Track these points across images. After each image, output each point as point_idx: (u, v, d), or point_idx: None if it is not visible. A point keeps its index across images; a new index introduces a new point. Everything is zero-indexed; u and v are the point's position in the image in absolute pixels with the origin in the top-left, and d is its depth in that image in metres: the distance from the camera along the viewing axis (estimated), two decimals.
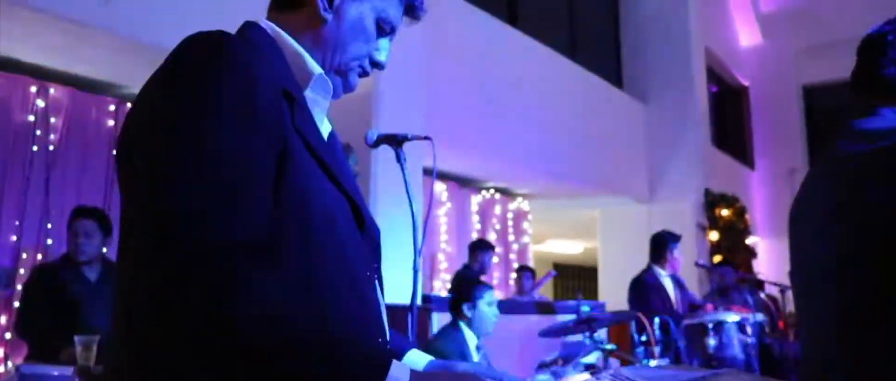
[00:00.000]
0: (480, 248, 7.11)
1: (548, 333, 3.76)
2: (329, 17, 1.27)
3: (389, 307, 1.63)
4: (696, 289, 6.58)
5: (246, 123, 1.04)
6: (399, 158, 2.73)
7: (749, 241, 10.48)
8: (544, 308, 6.70)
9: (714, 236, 9.60)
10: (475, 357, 3.78)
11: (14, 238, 5.07)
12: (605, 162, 9.17)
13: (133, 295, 1.00)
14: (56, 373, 3.31)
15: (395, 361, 1.02)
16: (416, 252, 2.51)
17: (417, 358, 1.47)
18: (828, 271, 1.62)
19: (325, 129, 1.33)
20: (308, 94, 1.24)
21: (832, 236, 1.61)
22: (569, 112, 8.60)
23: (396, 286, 4.49)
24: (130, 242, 1.02)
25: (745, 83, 13.40)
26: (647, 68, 10.40)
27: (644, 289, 5.46)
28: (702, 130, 10.24)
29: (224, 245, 0.96)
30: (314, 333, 0.97)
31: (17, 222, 5.08)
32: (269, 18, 1.30)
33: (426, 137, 2.64)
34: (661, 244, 5.65)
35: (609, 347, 3.35)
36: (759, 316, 5.09)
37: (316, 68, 1.26)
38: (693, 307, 5.57)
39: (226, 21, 1.31)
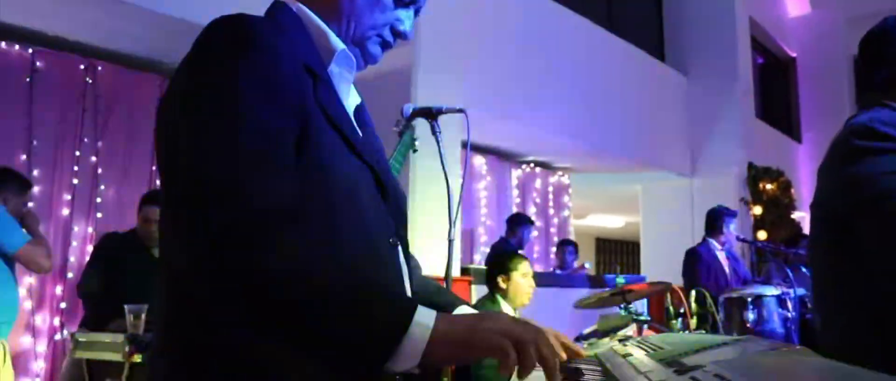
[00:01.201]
0: (519, 222, 7.12)
1: (582, 305, 3.79)
2: None
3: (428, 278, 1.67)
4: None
5: (270, 98, 1.09)
6: (434, 131, 2.77)
7: (795, 215, 10.31)
8: (584, 282, 6.72)
9: (757, 210, 9.46)
10: None
11: (66, 212, 5.24)
12: (646, 136, 9.09)
13: (176, 261, 1.09)
14: (108, 339, 3.44)
15: (420, 307, 1.04)
16: (451, 223, 2.55)
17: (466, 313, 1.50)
18: (811, 241, 1.88)
19: (352, 101, 1.37)
20: (333, 68, 1.28)
21: (811, 210, 1.88)
22: (609, 85, 8.53)
23: (435, 258, 4.54)
24: (169, 213, 1.09)
25: (793, 54, 13.12)
26: (690, 40, 10.24)
27: (695, 260, 5.51)
28: (745, 102, 10.07)
29: (254, 212, 1.01)
30: (340, 285, 1.02)
31: (68, 197, 5.25)
32: None
33: (460, 110, 2.67)
34: (717, 219, 5.71)
35: (644, 318, 3.36)
36: (801, 290, 5.04)
37: (339, 44, 1.30)
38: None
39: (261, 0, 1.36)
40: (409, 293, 1.34)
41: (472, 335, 1.03)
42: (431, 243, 4.75)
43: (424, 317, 1.03)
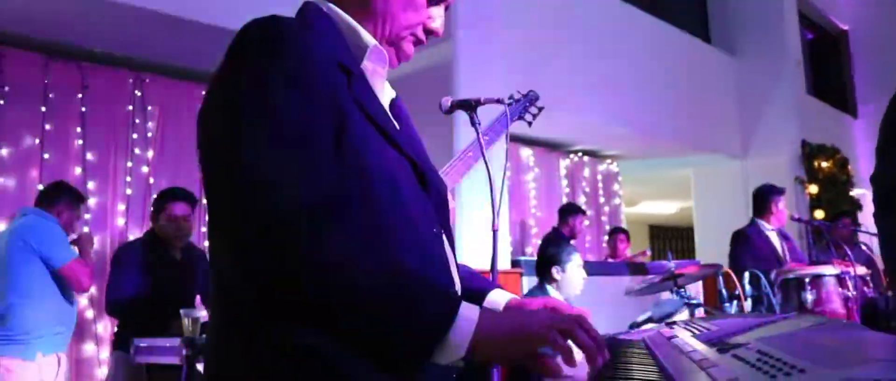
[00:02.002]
0: (571, 211, 7.08)
1: (633, 291, 3.75)
2: None
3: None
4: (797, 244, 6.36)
5: (304, 95, 1.11)
6: (473, 123, 2.76)
7: (854, 193, 10.02)
8: (635, 269, 6.64)
9: (813, 189, 9.23)
10: None
11: (121, 223, 5.37)
12: (694, 119, 8.93)
13: (222, 259, 1.12)
14: (167, 344, 3.51)
15: (464, 302, 1.06)
16: (494, 213, 2.54)
17: (500, 297, 1.53)
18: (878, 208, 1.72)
19: (387, 96, 1.39)
20: (366, 64, 1.29)
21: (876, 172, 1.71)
22: (654, 70, 8.39)
23: (482, 250, 4.54)
24: (212, 213, 1.11)
25: (845, 27, 12.76)
26: (735, 20, 10.01)
27: (745, 242, 5.34)
28: (796, 79, 9.83)
29: (293, 208, 1.02)
30: (383, 280, 1.03)
31: (122, 207, 5.38)
32: None
33: (498, 100, 2.66)
34: (764, 197, 5.52)
35: (694, 302, 3.31)
36: (861, 269, 4.89)
37: (370, 40, 1.31)
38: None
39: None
40: (456, 281, 1.35)
41: (518, 329, 1.06)
42: (479, 235, 4.75)
43: (470, 311, 1.05)
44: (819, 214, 8.88)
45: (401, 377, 1.05)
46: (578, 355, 1.07)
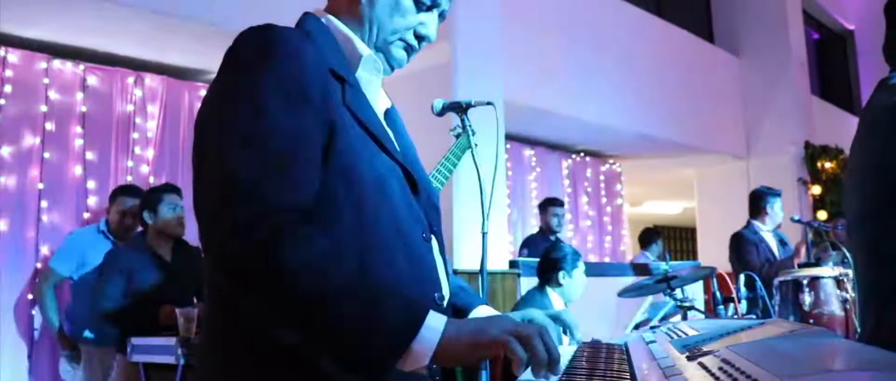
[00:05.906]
0: (547, 205, 6.78)
1: (626, 292, 3.75)
2: None
3: (467, 273, 1.69)
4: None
5: (294, 102, 1.15)
6: (464, 125, 2.76)
7: None
8: (638, 270, 6.61)
9: (816, 190, 9.20)
10: None
11: None
12: (698, 119, 8.93)
13: (207, 258, 1.16)
14: (162, 343, 3.52)
15: (432, 311, 1.09)
16: (485, 217, 2.54)
17: (484, 314, 1.53)
18: (857, 214, 1.65)
19: (382, 104, 1.43)
20: (360, 73, 1.34)
21: (857, 181, 1.66)
22: (658, 70, 8.40)
23: (476, 253, 4.52)
24: (198, 212, 1.16)
25: (850, 27, 12.72)
26: (740, 20, 10.01)
27: (743, 244, 5.36)
28: (800, 80, 9.81)
29: (274, 208, 1.08)
30: (355, 283, 1.07)
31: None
32: (325, 9, 1.41)
33: (489, 103, 2.66)
34: (760, 199, 5.55)
35: (687, 304, 3.31)
36: None
37: (364, 50, 1.35)
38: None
39: (303, 7, 1.42)
40: (444, 286, 1.38)
41: (479, 337, 1.09)
42: (472, 238, 4.75)
43: (435, 321, 1.08)
44: (822, 215, 8.85)
45: (370, 379, 1.08)
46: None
